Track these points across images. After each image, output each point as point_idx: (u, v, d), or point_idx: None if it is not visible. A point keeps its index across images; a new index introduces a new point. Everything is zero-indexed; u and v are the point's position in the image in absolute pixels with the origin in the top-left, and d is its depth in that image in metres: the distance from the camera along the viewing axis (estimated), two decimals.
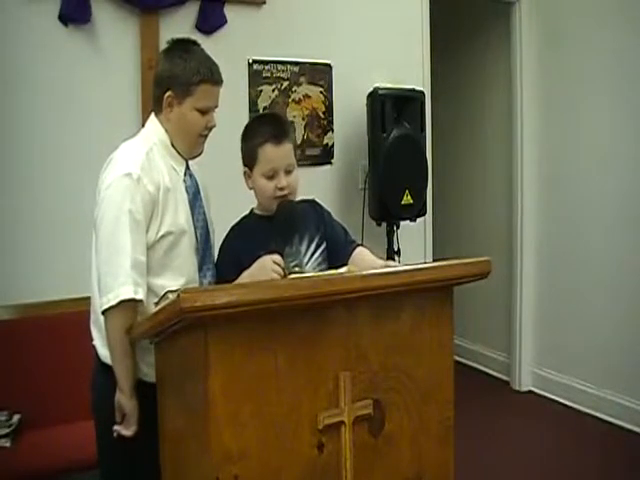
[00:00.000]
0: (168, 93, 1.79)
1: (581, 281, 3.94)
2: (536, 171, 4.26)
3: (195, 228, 1.82)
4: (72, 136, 2.94)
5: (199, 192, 1.88)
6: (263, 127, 1.87)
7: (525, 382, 4.36)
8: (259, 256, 1.72)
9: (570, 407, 3.97)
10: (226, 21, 3.24)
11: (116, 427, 1.70)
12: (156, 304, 1.67)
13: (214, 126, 1.86)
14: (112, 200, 1.68)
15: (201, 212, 1.86)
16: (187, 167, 1.88)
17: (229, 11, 3.25)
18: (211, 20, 3.20)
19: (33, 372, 2.71)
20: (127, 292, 1.62)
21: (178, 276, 1.76)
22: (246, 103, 3.36)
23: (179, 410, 1.49)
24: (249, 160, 1.86)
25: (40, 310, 2.82)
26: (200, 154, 1.91)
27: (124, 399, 1.69)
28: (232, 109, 3.26)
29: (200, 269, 1.82)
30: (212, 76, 1.80)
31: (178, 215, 1.77)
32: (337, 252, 1.89)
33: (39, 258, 2.87)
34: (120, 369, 1.69)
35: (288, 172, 1.83)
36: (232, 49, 3.22)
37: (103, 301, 1.65)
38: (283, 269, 1.68)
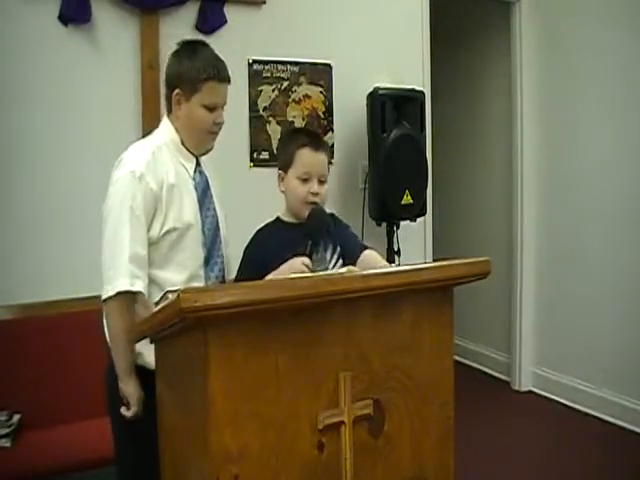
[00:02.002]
0: (176, 91, 1.87)
1: (581, 281, 3.94)
2: (536, 171, 4.27)
3: (203, 224, 1.88)
4: (72, 136, 2.94)
5: (209, 188, 1.95)
6: (303, 134, 1.95)
7: (525, 382, 4.36)
8: (287, 258, 1.72)
9: (570, 407, 3.98)
10: (226, 21, 3.24)
11: (122, 409, 1.80)
12: (156, 304, 1.68)
13: (222, 122, 1.92)
14: (115, 197, 1.77)
15: (211, 208, 1.93)
16: (197, 164, 1.95)
17: (229, 11, 3.26)
18: (211, 20, 3.20)
19: (33, 372, 2.71)
20: (124, 284, 1.72)
21: (182, 269, 1.83)
22: (246, 103, 3.36)
23: (179, 410, 1.49)
24: (285, 162, 1.89)
25: (40, 310, 2.82)
26: (210, 150, 1.98)
27: (121, 384, 1.80)
28: (232, 109, 3.25)
29: (207, 263, 1.88)
30: (218, 73, 1.86)
31: (183, 211, 1.84)
32: (348, 257, 1.89)
33: (39, 258, 2.87)
34: (116, 356, 1.80)
35: (321, 182, 1.87)
36: (232, 49, 3.21)
37: (103, 292, 1.75)
38: (312, 271, 1.69)
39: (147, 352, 1.76)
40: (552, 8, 4.11)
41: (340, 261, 1.88)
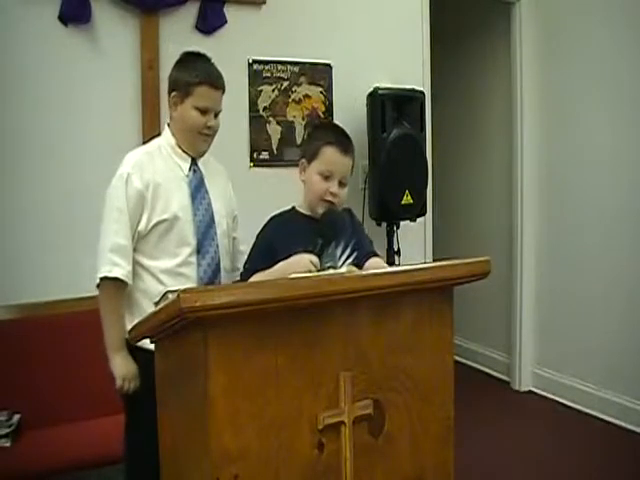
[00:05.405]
0: (173, 94, 2.05)
1: (581, 281, 3.94)
2: (536, 170, 4.26)
3: (195, 215, 2.03)
4: (72, 136, 2.94)
5: (203, 185, 2.10)
6: (336, 132, 1.93)
7: (525, 382, 4.36)
8: (297, 252, 1.73)
9: (570, 407, 3.97)
10: (226, 21, 3.24)
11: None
12: (156, 304, 1.69)
13: (214, 126, 2.06)
14: (107, 199, 2.02)
15: (203, 202, 2.07)
16: (193, 164, 2.10)
17: (229, 11, 3.25)
18: (211, 20, 3.20)
19: (33, 372, 2.71)
20: (104, 271, 1.96)
21: (173, 257, 2.01)
22: (246, 103, 3.36)
23: (179, 410, 1.49)
24: (310, 154, 1.89)
25: (40, 310, 2.82)
26: (205, 152, 2.11)
27: (110, 360, 2.00)
28: (232, 109, 3.26)
29: (199, 251, 2.03)
30: (211, 79, 2.02)
31: (171, 204, 2.00)
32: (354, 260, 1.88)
33: (40, 258, 2.87)
34: (105, 334, 2.01)
35: (342, 184, 1.87)
36: (232, 49, 3.23)
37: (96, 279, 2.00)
38: (318, 271, 1.69)
39: None
40: (552, 8, 4.11)
41: (352, 257, 1.87)
